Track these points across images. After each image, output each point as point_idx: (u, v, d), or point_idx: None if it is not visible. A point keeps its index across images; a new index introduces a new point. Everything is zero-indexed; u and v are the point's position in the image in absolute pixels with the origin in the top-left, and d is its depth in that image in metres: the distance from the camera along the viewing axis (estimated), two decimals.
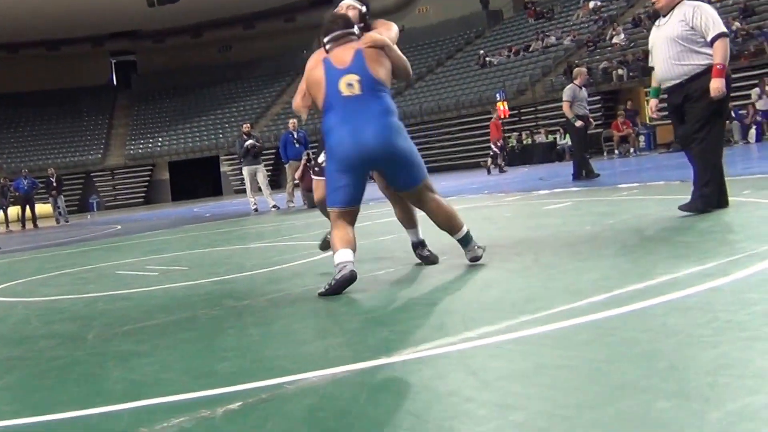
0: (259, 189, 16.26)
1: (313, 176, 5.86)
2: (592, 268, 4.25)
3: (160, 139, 41.29)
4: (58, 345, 3.96)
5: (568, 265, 4.53)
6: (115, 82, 47.66)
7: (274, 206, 15.71)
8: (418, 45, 40.41)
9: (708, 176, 5.91)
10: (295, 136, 15.90)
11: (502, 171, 22.57)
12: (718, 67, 5.81)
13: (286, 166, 16.23)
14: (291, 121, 16.76)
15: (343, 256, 4.43)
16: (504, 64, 34.75)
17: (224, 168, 38.87)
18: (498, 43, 37.72)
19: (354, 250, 4.52)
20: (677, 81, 6.01)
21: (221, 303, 4.67)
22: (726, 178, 6.16)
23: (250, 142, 16.00)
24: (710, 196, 5.89)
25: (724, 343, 2.50)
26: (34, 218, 24.26)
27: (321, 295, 4.34)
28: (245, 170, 16.39)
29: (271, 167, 22.38)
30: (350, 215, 4.66)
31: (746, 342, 2.51)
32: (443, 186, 16.63)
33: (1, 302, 6.04)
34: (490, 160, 23.77)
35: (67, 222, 24.82)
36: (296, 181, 15.51)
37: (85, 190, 40.21)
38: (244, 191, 17.35)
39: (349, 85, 4.58)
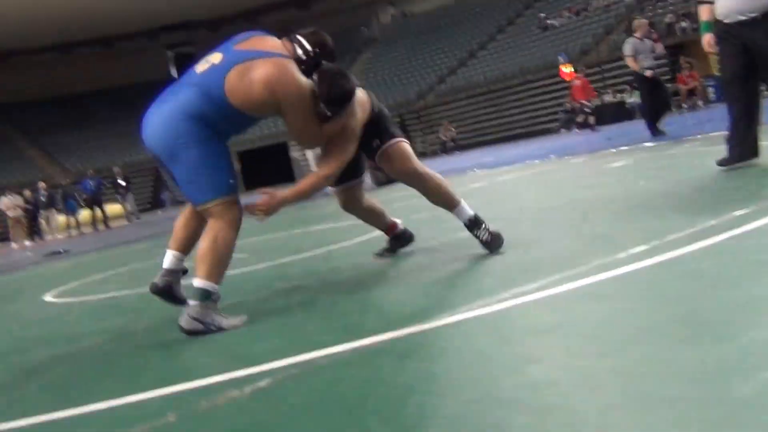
0: None
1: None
2: (637, 222, 4.25)
3: None
4: (106, 340, 4.11)
5: (614, 221, 4.53)
6: (175, 75, 48.41)
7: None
8: (476, 13, 40.11)
9: None
10: None
11: (586, 127, 22.36)
12: None
13: None
14: None
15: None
16: (565, 26, 34.24)
17: (294, 153, 39.15)
18: (558, 5, 37.14)
19: (180, 250, 3.96)
20: (755, 14, 5.71)
21: (271, 286, 4.78)
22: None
23: None
24: None
25: (747, 283, 2.51)
26: (104, 218, 24.78)
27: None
28: (309, 154, 16.53)
29: None
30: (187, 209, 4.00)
31: None
32: (509, 155, 16.56)
33: (59, 303, 6.28)
34: (585, 117, 23.51)
35: (138, 219, 25.43)
36: None
37: (156, 187, 41.01)
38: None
39: (205, 61, 3.73)
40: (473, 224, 4.24)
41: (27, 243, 23.19)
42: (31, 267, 12.19)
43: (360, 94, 4.14)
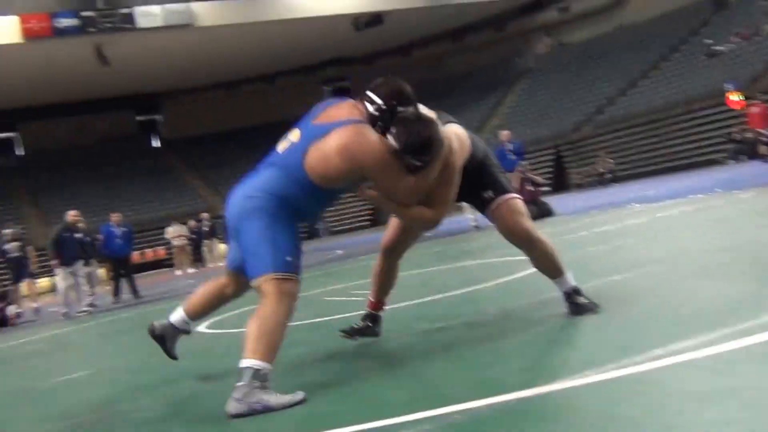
0: None
1: None
2: None
3: None
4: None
5: None
6: None
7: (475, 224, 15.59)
8: (637, 42, 39.00)
9: None
10: (509, 146, 15.78)
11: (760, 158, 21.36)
12: None
13: None
14: (503, 132, 16.62)
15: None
16: (734, 52, 32.76)
17: None
18: (725, 31, 35.63)
19: (188, 314, 4.17)
20: None
21: (414, 327, 4.69)
22: None
23: None
24: None
25: None
26: None
27: None
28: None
29: None
30: (227, 276, 4.14)
31: None
32: (671, 188, 15.89)
33: (210, 334, 6.39)
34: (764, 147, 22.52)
35: None
36: None
37: None
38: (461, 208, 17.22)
39: (286, 140, 3.81)
40: (573, 293, 4.00)
41: (190, 270, 24.16)
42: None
43: (458, 131, 3.94)
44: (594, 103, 36.67)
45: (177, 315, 4.17)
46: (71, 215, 13.61)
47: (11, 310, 13.83)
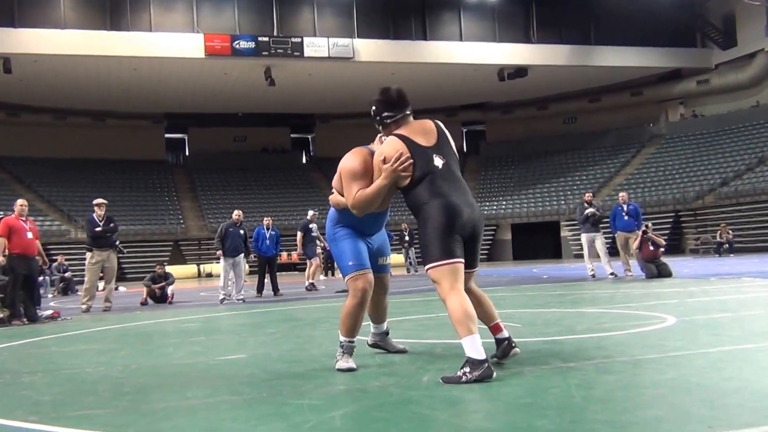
0: (598, 255, 15.88)
1: None
2: None
3: (504, 202, 42.00)
4: (394, 384, 4.19)
5: None
6: (465, 149, 49.50)
7: (612, 274, 15.28)
8: None
9: None
10: (625, 208, 15.52)
11: None
12: None
13: (615, 236, 15.81)
14: (621, 194, 16.36)
15: None
16: None
17: (564, 233, 38.55)
18: None
19: (374, 322, 5.51)
20: None
21: (548, 362, 4.65)
22: None
23: (590, 210, 15.77)
24: None
25: None
26: None
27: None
28: (584, 237, 16.11)
29: (611, 235, 20.87)
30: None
31: None
32: None
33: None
34: None
35: (416, 272, 26.11)
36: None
37: None
38: (582, 256, 16.96)
39: None
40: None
41: (321, 277, 24.62)
42: (325, 299, 12.87)
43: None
44: (720, 174, 35.49)
45: (371, 329, 5.50)
46: (236, 214, 14.31)
47: (170, 289, 14.52)
